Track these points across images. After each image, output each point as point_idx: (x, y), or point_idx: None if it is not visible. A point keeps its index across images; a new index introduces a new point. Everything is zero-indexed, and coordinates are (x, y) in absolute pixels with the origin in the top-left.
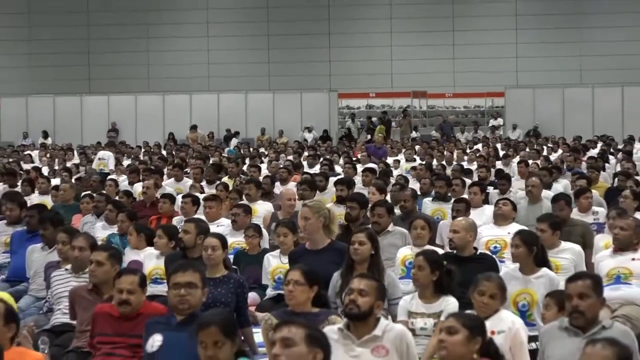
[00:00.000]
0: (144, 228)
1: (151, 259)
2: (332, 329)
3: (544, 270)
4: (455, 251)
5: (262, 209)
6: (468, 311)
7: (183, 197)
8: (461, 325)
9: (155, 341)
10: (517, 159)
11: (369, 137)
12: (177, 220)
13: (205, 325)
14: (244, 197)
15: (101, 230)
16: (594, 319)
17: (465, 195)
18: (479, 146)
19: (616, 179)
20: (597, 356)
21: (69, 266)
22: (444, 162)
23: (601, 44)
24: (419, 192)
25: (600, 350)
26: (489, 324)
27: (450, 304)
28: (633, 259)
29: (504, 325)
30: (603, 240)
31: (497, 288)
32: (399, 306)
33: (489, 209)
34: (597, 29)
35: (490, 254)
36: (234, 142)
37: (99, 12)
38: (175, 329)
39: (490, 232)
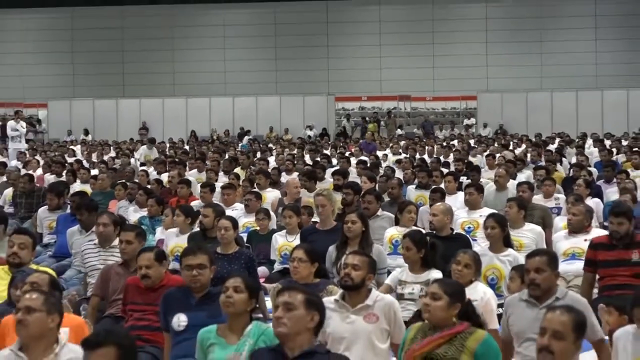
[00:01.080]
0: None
1: (171, 238)
2: (330, 300)
3: (510, 250)
4: (434, 232)
5: (270, 195)
6: None
7: (202, 186)
8: (443, 292)
9: (180, 321)
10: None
11: (358, 131)
12: (197, 205)
13: (232, 276)
14: (255, 186)
15: (133, 213)
16: (549, 290)
17: (443, 185)
18: (455, 142)
19: (571, 170)
20: (557, 321)
21: (96, 240)
22: (425, 156)
23: (559, 55)
24: (403, 181)
25: (559, 315)
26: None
27: (436, 274)
28: (585, 240)
29: (477, 295)
30: (562, 222)
31: (471, 260)
32: (391, 275)
33: (461, 196)
34: (555, 42)
35: (464, 233)
36: (246, 138)
37: (132, 29)
38: (195, 309)
39: (465, 215)
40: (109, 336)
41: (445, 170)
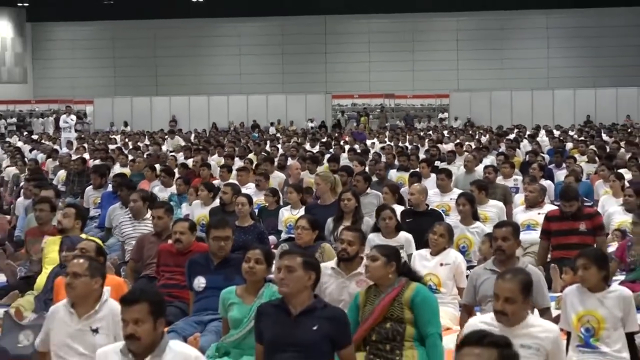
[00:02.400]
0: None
1: (197, 209)
2: (327, 267)
3: (478, 223)
4: (412, 207)
5: (277, 176)
6: (424, 249)
7: (221, 167)
8: (380, 254)
9: (200, 283)
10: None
11: (355, 125)
12: (216, 184)
13: (252, 248)
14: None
15: (158, 192)
16: (512, 255)
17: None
18: (431, 132)
19: (527, 156)
20: (506, 288)
21: (131, 214)
22: (407, 144)
23: (517, 60)
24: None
25: (509, 283)
26: (439, 258)
27: (405, 236)
28: (539, 214)
29: (450, 260)
30: (520, 198)
31: (445, 230)
32: (367, 240)
33: (434, 178)
34: (514, 50)
35: (437, 209)
36: (272, 129)
37: (163, 39)
38: (213, 272)
39: (438, 199)
40: (142, 294)
41: (422, 156)
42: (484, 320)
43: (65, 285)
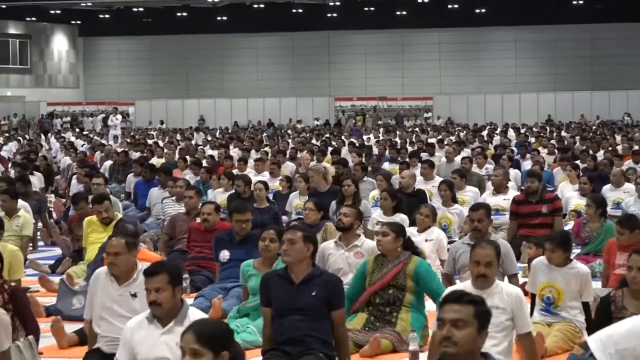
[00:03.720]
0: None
1: (219, 194)
2: (330, 242)
3: (457, 205)
4: (402, 189)
5: (288, 166)
6: (411, 227)
7: (238, 160)
8: (390, 230)
9: (225, 255)
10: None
11: (353, 122)
12: (236, 172)
13: (267, 229)
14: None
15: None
16: (485, 232)
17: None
18: (417, 129)
19: (498, 149)
20: (485, 254)
21: (174, 197)
22: (397, 139)
23: (490, 68)
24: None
25: (486, 247)
26: (424, 235)
27: (401, 217)
28: (504, 199)
29: (433, 236)
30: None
31: (429, 211)
32: (371, 218)
33: (419, 167)
34: (487, 59)
35: (422, 189)
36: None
37: (193, 50)
38: (236, 247)
39: (421, 185)
40: (162, 266)
41: (410, 149)
42: (460, 288)
43: (108, 264)
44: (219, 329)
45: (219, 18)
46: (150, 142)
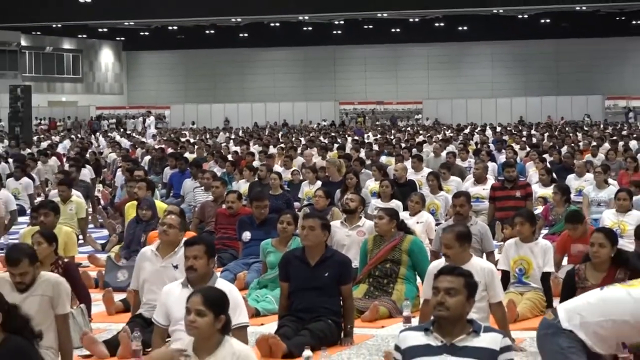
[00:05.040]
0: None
1: (242, 185)
2: (337, 222)
3: (442, 192)
4: (396, 180)
5: (300, 160)
6: (405, 212)
7: (259, 152)
8: (385, 214)
9: (246, 236)
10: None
11: (356, 122)
12: (256, 164)
13: (284, 213)
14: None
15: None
16: (466, 217)
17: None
18: (409, 128)
19: (478, 145)
20: (446, 236)
21: (203, 187)
22: (392, 137)
23: (470, 77)
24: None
25: (448, 232)
26: (416, 218)
27: (396, 204)
28: (484, 189)
29: (423, 219)
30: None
31: (419, 199)
32: (371, 204)
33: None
34: (468, 69)
35: (413, 180)
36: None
37: (220, 62)
38: (256, 229)
39: (412, 176)
40: (200, 239)
41: (403, 145)
42: (441, 262)
43: (161, 233)
44: (221, 296)
45: (241, 35)
46: (183, 140)
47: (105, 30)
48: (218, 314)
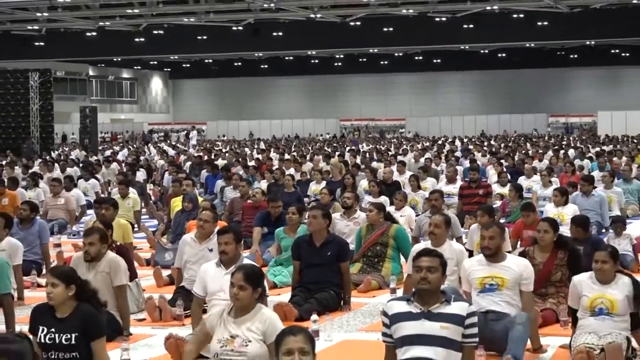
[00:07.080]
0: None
1: (263, 184)
2: (337, 215)
3: (420, 191)
4: (384, 181)
5: (308, 165)
6: (391, 206)
7: (279, 159)
8: (374, 207)
9: (263, 230)
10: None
11: (352, 135)
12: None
13: (291, 206)
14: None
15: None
16: (440, 209)
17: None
18: (395, 140)
19: (449, 153)
20: (436, 219)
21: (232, 187)
22: (382, 148)
23: (443, 99)
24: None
25: (438, 216)
26: (400, 212)
27: (384, 199)
28: (454, 188)
29: (406, 213)
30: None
31: (402, 197)
32: (364, 199)
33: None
34: (442, 93)
35: (398, 181)
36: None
37: (245, 87)
38: (272, 224)
39: (397, 178)
40: (230, 228)
41: (390, 153)
42: (422, 246)
43: (199, 227)
44: (258, 272)
45: (261, 66)
46: (216, 149)
47: (155, 62)
48: (256, 287)
